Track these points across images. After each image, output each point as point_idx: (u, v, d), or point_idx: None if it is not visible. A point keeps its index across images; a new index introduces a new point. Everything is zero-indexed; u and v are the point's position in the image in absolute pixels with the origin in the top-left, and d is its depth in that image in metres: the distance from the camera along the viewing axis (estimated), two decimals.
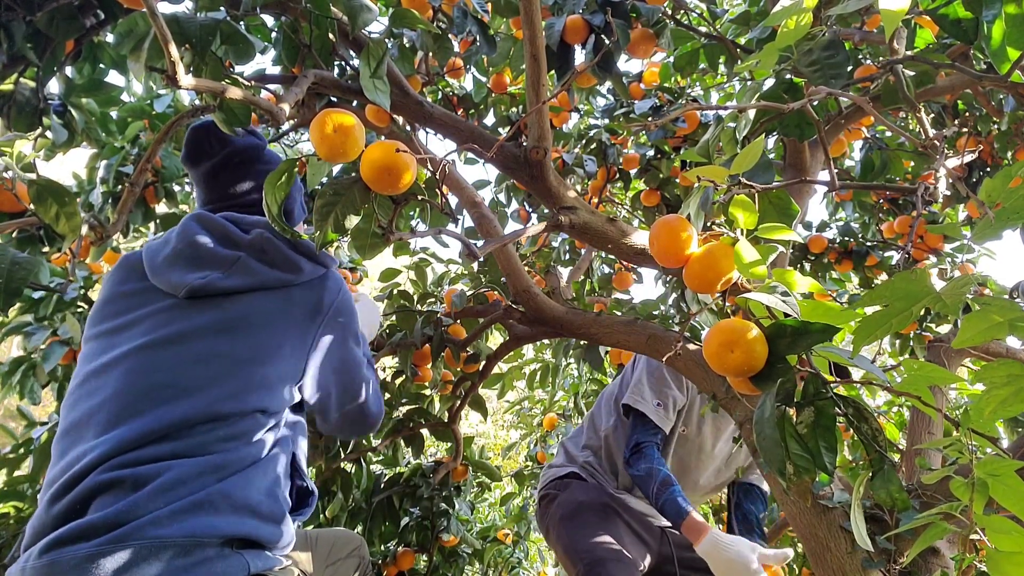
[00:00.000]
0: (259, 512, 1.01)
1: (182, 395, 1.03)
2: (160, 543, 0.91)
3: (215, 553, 0.94)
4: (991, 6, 0.96)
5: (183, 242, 1.18)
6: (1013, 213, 0.79)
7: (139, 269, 1.19)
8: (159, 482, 0.95)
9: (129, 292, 1.17)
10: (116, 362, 1.08)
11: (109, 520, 0.92)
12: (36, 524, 0.98)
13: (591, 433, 2.11)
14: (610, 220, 1.66)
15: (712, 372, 1.53)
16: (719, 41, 2.32)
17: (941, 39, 1.74)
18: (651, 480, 1.77)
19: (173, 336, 1.09)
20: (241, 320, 1.13)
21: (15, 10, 1.29)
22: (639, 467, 1.82)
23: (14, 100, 1.43)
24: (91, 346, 1.14)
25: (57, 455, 1.04)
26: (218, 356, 1.08)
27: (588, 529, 1.81)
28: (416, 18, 1.54)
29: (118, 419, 1.01)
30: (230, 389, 1.06)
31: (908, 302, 0.84)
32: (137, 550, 0.90)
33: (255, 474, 1.03)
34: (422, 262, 2.68)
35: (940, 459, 2.19)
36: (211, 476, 0.99)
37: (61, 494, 0.97)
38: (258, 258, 1.18)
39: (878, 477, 0.83)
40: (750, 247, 0.88)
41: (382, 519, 2.40)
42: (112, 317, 1.15)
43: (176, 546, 0.92)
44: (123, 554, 0.89)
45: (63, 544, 0.91)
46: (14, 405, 2.27)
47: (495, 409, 6.80)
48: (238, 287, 1.15)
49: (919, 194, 1.27)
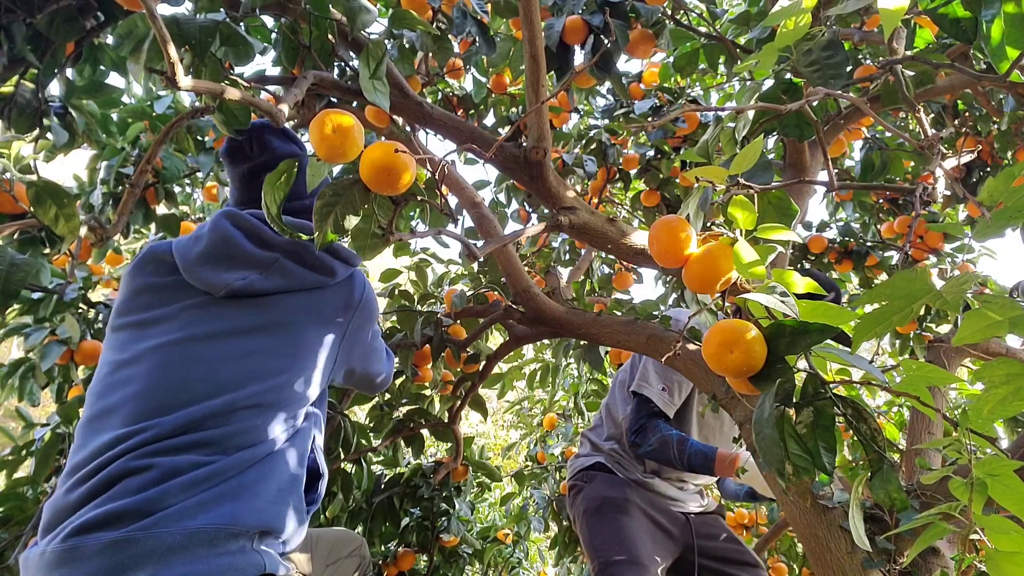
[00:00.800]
0: (280, 501, 1.04)
1: (218, 390, 1.06)
2: (186, 533, 0.92)
3: (236, 547, 0.96)
4: (990, 6, 0.96)
5: (216, 239, 1.19)
6: (1015, 212, 0.80)
7: (169, 262, 1.21)
8: (193, 475, 0.97)
9: (160, 285, 1.19)
10: (148, 354, 1.10)
11: (137, 507, 0.93)
12: (56, 507, 0.99)
13: (610, 423, 2.13)
14: (610, 220, 1.66)
15: (712, 372, 1.53)
16: (719, 41, 2.32)
17: (941, 39, 1.74)
18: (667, 447, 1.81)
19: (211, 333, 1.12)
20: (278, 320, 1.17)
21: (15, 12, 1.29)
22: (649, 442, 1.85)
23: (15, 102, 1.43)
24: (119, 336, 1.15)
25: (82, 440, 1.05)
26: (255, 353, 1.12)
27: (608, 527, 1.84)
28: (415, 19, 1.55)
29: (151, 409, 1.03)
30: (266, 386, 1.10)
31: (908, 300, 0.84)
32: (162, 539, 0.91)
33: (277, 464, 1.06)
34: (422, 262, 2.68)
35: (940, 459, 2.19)
36: (238, 468, 1.01)
37: (86, 478, 0.98)
38: (295, 260, 1.22)
39: (877, 477, 0.83)
40: (749, 247, 0.88)
41: (382, 519, 2.40)
42: (142, 309, 1.17)
43: (202, 536, 0.93)
44: (148, 543, 0.90)
45: (88, 530, 0.92)
46: (13, 406, 2.27)
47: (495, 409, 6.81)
48: (277, 288, 1.19)
49: (918, 194, 1.27)
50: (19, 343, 2.27)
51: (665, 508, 1.96)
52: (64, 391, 2.27)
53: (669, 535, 1.90)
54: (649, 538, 1.84)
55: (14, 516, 1.83)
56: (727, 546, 1.94)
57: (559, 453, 3.84)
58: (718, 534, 1.98)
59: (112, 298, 2.63)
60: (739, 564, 1.90)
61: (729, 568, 1.89)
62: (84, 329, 2.23)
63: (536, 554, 4.78)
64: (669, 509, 1.97)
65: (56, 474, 1.93)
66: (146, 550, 0.90)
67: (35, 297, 2.17)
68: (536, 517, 3.61)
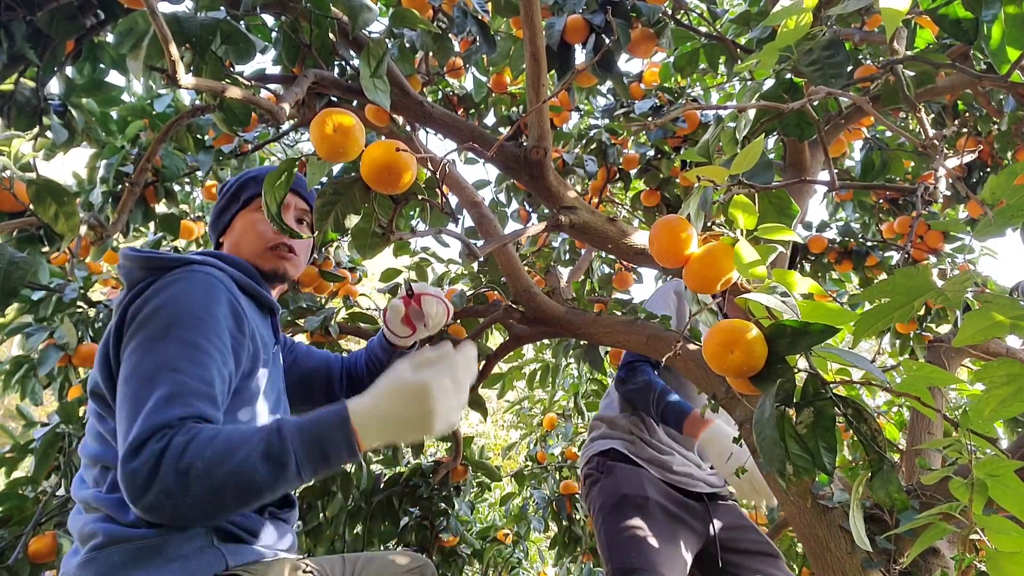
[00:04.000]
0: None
1: None
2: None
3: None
4: (991, 6, 0.96)
5: None
6: (1016, 211, 0.79)
7: None
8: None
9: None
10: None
11: None
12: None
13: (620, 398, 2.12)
14: (610, 220, 1.66)
15: (712, 372, 1.53)
16: (719, 41, 2.32)
17: (941, 39, 1.73)
18: (650, 391, 1.84)
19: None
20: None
21: (15, 10, 1.29)
22: (635, 381, 1.87)
23: (14, 100, 1.43)
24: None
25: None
26: None
27: (625, 528, 1.79)
28: (416, 18, 1.54)
29: None
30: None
31: (909, 297, 0.84)
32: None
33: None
34: (422, 262, 2.68)
35: (940, 459, 2.19)
36: None
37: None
38: None
39: (877, 477, 0.83)
40: (750, 247, 0.88)
41: (382, 519, 2.40)
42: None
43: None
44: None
45: None
46: (14, 405, 2.27)
47: (495, 409, 6.81)
48: None
49: (919, 194, 1.27)
50: (19, 341, 2.28)
51: (683, 501, 1.92)
52: (65, 390, 2.27)
53: (691, 530, 1.86)
54: (670, 541, 1.80)
55: (14, 516, 1.83)
56: (747, 536, 1.90)
57: (559, 453, 3.84)
58: (737, 523, 1.93)
59: (112, 297, 2.63)
60: (761, 556, 1.86)
61: (751, 561, 1.84)
62: (83, 330, 2.23)
63: (536, 554, 4.78)
64: (687, 502, 1.92)
65: (55, 473, 1.93)
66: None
67: (35, 297, 2.17)
68: (536, 517, 3.60)
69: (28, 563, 1.69)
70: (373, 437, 0.96)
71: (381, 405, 0.98)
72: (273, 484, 0.91)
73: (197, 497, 0.87)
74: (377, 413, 0.97)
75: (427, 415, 0.97)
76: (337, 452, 0.94)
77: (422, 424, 0.97)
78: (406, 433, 0.98)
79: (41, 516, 1.80)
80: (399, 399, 0.98)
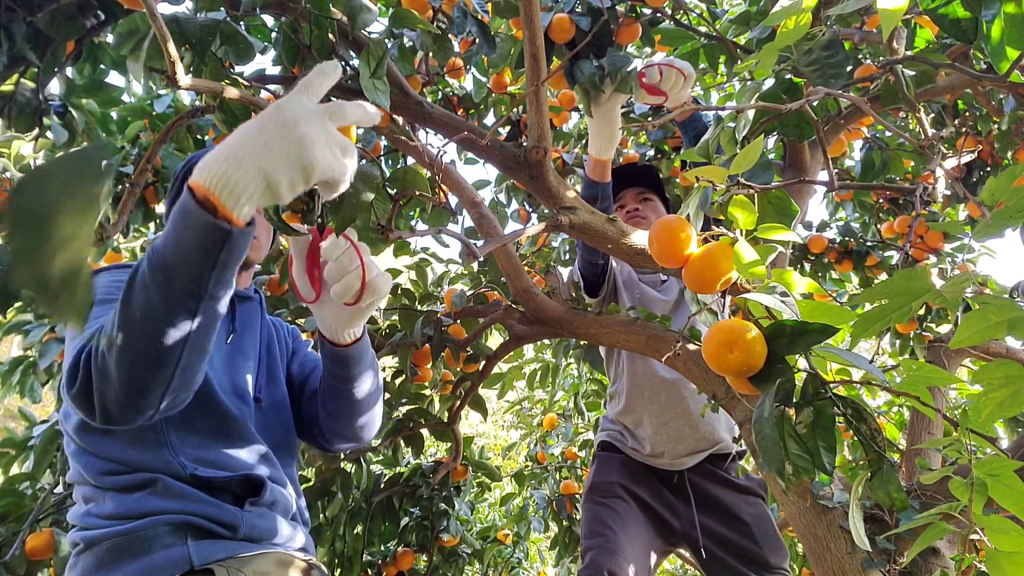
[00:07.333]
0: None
1: None
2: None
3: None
4: (990, 6, 0.96)
5: None
6: (1015, 211, 0.79)
7: None
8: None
9: None
10: None
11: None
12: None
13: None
14: (610, 220, 1.65)
15: (712, 372, 1.53)
16: (719, 41, 2.31)
17: (941, 39, 1.74)
18: (582, 249, 2.04)
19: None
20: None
21: (15, 11, 1.29)
22: (578, 259, 2.07)
23: (14, 101, 1.43)
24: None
25: None
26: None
27: (589, 514, 1.90)
28: (416, 18, 1.54)
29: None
30: None
31: (908, 298, 0.84)
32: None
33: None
34: (422, 262, 2.68)
35: (940, 459, 2.19)
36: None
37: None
38: None
39: (877, 477, 0.83)
40: (749, 247, 0.88)
41: (382, 519, 2.40)
42: None
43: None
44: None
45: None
46: (14, 405, 2.27)
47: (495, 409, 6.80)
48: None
49: (918, 194, 1.27)
50: (19, 341, 2.28)
51: (658, 486, 1.93)
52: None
53: (670, 508, 1.89)
54: (639, 519, 1.84)
55: (11, 512, 1.83)
56: (740, 540, 1.79)
57: (559, 453, 3.84)
58: (734, 515, 1.84)
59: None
60: (752, 563, 1.74)
61: (743, 566, 1.75)
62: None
63: (536, 554, 4.78)
64: (664, 493, 1.92)
65: (52, 469, 1.93)
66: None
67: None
68: (536, 517, 3.60)
69: (25, 560, 1.70)
70: (230, 189, 0.75)
71: (223, 146, 0.78)
72: (167, 301, 0.80)
73: (117, 359, 0.83)
74: (218, 153, 0.77)
75: (287, 126, 0.76)
76: (192, 224, 0.76)
77: (285, 143, 0.76)
78: (276, 165, 0.76)
79: (39, 513, 1.80)
80: (242, 133, 0.78)
